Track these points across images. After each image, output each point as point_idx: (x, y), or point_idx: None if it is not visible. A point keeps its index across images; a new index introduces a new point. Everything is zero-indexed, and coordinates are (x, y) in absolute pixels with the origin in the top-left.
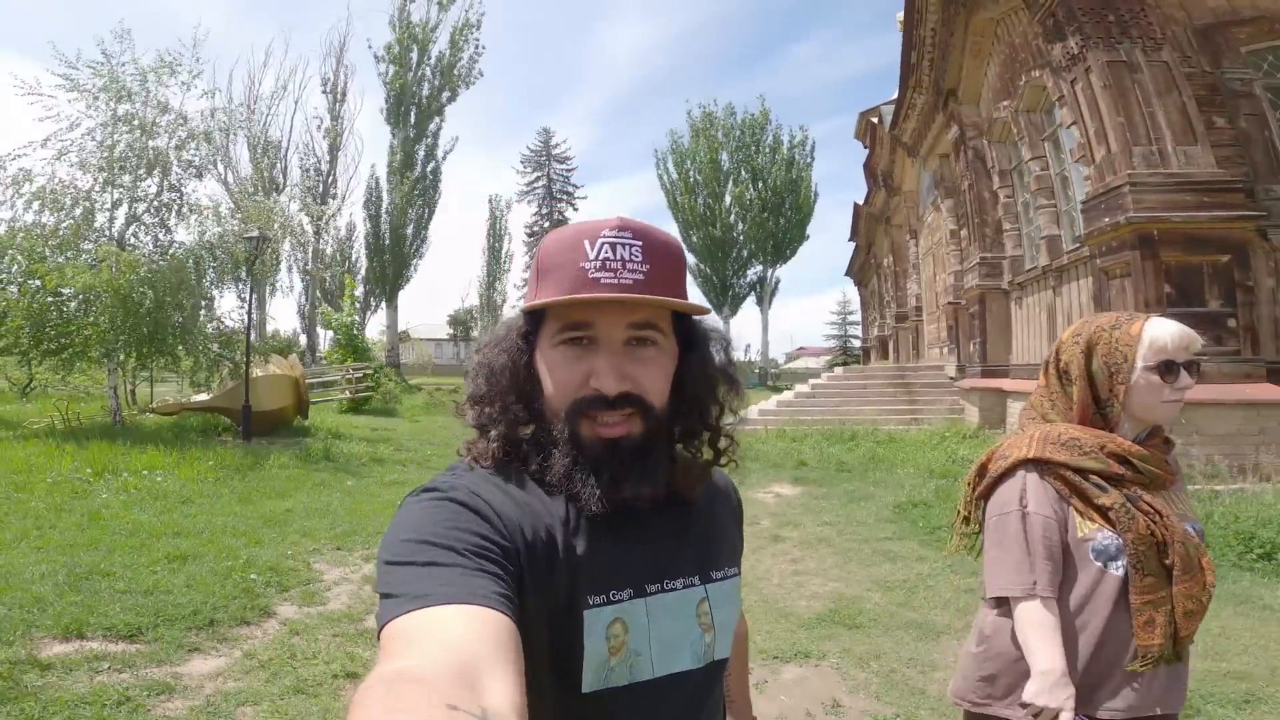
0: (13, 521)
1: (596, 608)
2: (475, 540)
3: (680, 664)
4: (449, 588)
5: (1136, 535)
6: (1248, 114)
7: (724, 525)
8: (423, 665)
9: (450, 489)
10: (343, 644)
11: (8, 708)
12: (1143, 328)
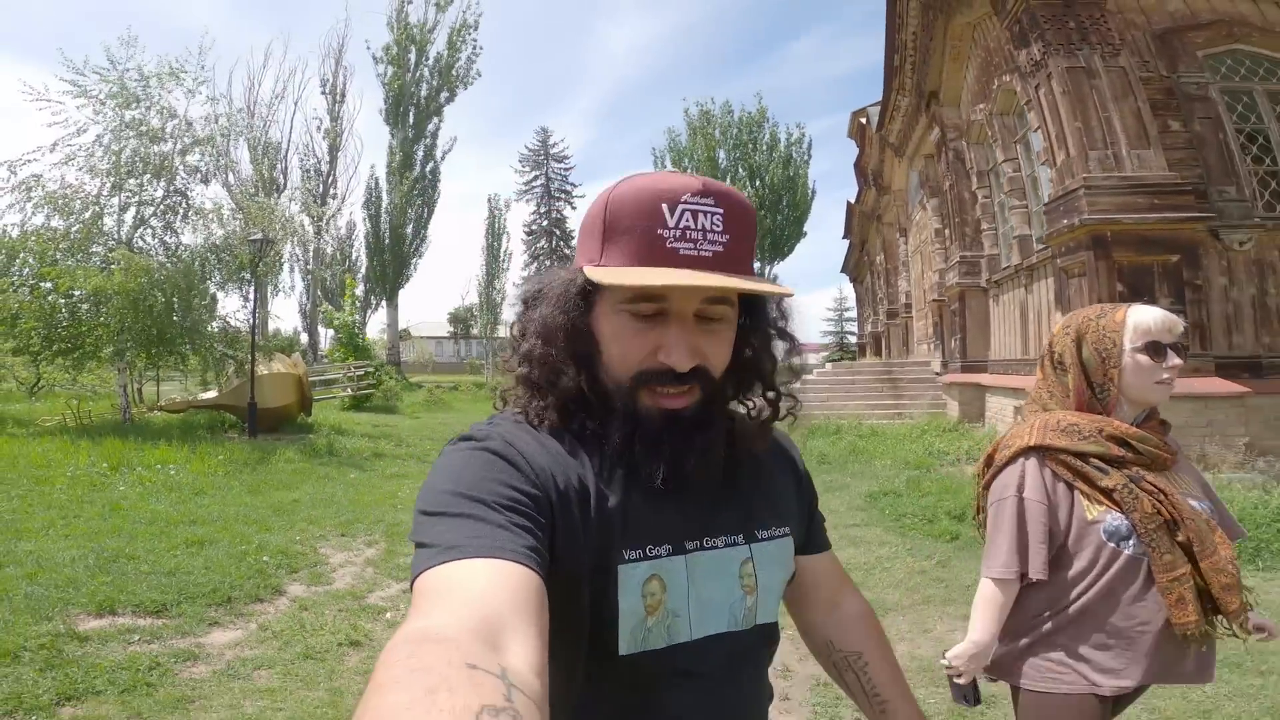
0: (38, 512)
1: (632, 563)
2: (508, 491)
3: (718, 626)
4: (478, 540)
5: (1143, 514)
6: (1202, 117)
7: (777, 484)
8: (446, 624)
9: (485, 438)
10: (347, 617)
11: (54, 674)
12: (1126, 314)
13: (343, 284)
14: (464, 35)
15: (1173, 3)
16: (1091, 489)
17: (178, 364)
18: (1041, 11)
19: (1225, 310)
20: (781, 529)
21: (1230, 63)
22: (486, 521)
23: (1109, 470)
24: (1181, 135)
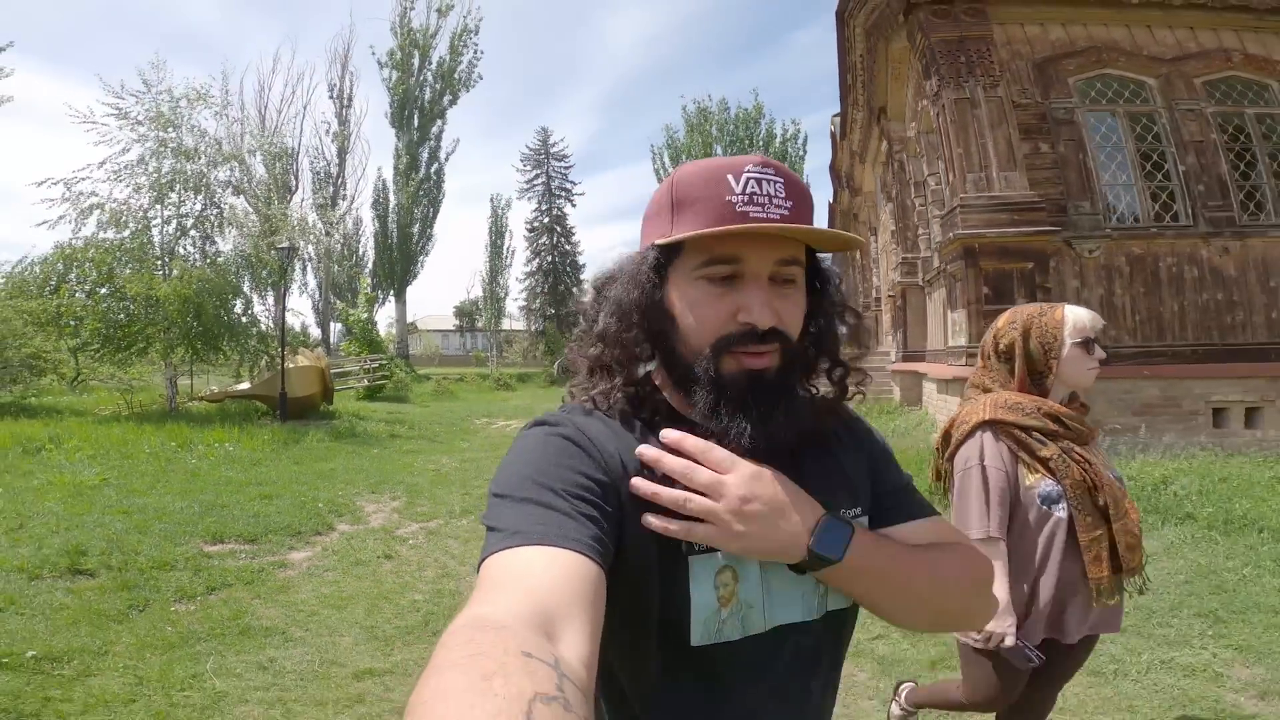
0: (134, 478)
1: (704, 553)
2: (577, 479)
3: (793, 616)
4: (541, 527)
5: (1073, 481)
6: (1068, 139)
7: (848, 465)
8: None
9: (559, 423)
10: (381, 542)
11: (200, 575)
12: (1064, 313)
13: (351, 279)
14: (465, 40)
15: (1055, 32)
16: (1032, 458)
17: (219, 359)
18: (939, 47)
19: (1080, 305)
20: (854, 509)
21: (1100, 86)
22: (553, 509)
23: (1047, 442)
24: (1049, 156)
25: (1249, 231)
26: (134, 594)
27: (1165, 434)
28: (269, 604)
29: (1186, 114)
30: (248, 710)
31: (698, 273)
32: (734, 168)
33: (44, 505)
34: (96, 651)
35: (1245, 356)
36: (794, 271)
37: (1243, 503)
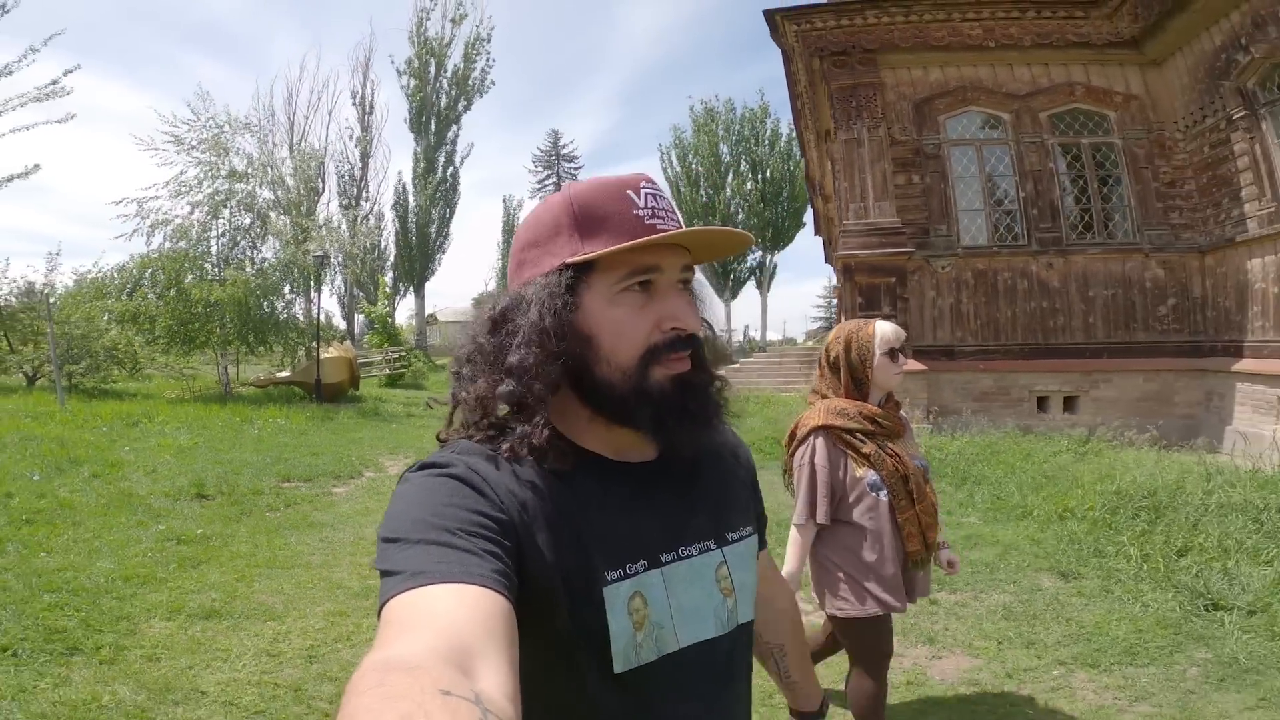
0: (217, 442)
1: (614, 583)
2: (473, 517)
3: (705, 632)
4: (444, 565)
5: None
6: (934, 171)
7: (735, 484)
8: (415, 652)
9: (448, 464)
10: (394, 483)
11: (280, 498)
12: (875, 328)
13: (374, 273)
14: (478, 48)
15: (933, 74)
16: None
17: (264, 351)
18: (837, 94)
19: (932, 314)
20: (748, 529)
21: (965, 122)
22: (453, 547)
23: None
24: (919, 186)
25: (1072, 250)
26: (241, 507)
27: (998, 417)
28: (323, 513)
29: (1030, 145)
30: (314, 558)
31: (619, 286)
32: (632, 185)
33: (162, 458)
34: (228, 535)
35: (1064, 354)
36: (690, 277)
37: (985, 467)
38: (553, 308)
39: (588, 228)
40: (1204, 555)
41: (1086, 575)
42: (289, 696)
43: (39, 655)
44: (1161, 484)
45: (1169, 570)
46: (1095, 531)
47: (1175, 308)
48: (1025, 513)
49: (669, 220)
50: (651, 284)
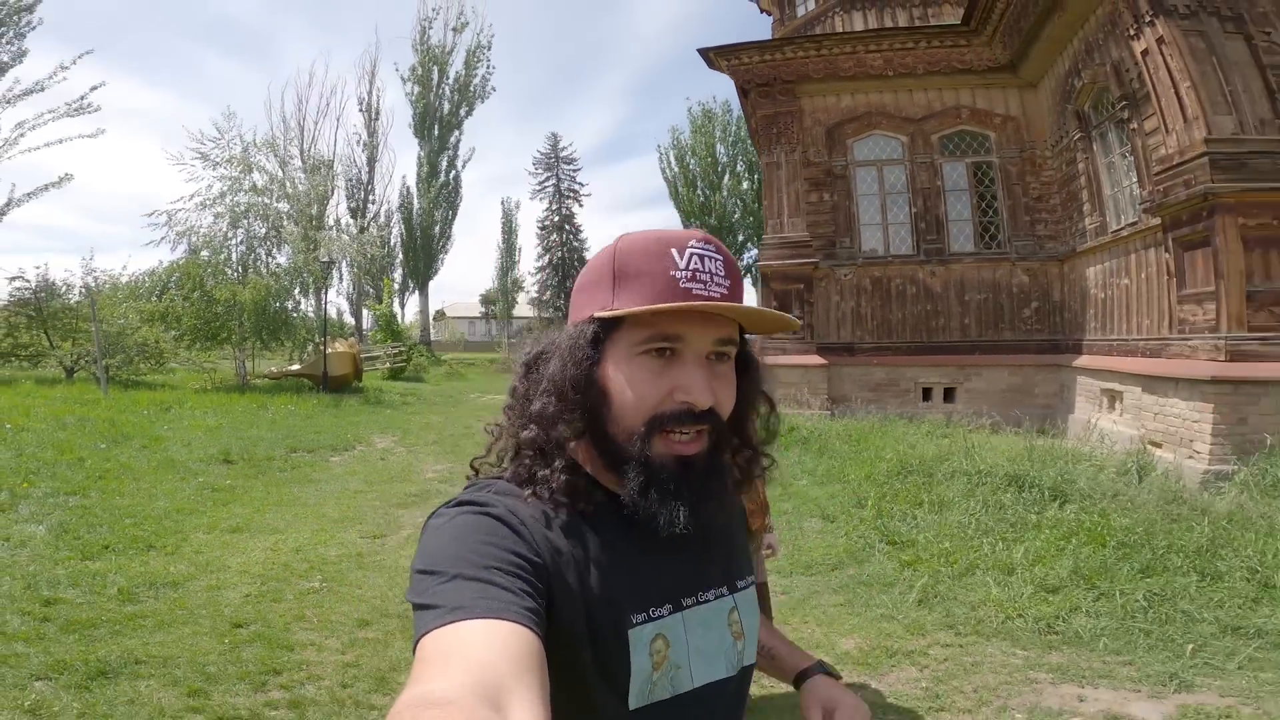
0: (238, 423)
1: (639, 625)
2: (508, 556)
3: (717, 673)
4: (483, 601)
5: None
6: (841, 190)
7: (738, 533)
8: (448, 689)
9: (488, 504)
10: (380, 455)
11: (292, 460)
12: None
13: (384, 271)
14: (479, 55)
15: (845, 101)
16: None
17: (277, 346)
18: (761, 122)
19: (836, 316)
20: (752, 576)
21: (870, 144)
22: (490, 583)
23: None
24: (828, 204)
25: (952, 259)
26: (258, 469)
27: (889, 406)
28: (319, 473)
29: (921, 165)
30: (308, 500)
31: (639, 348)
32: (678, 241)
33: (194, 434)
34: (247, 486)
35: (944, 351)
36: (730, 351)
37: (845, 444)
38: (575, 359)
39: (623, 281)
40: (907, 506)
41: (839, 520)
42: (281, 570)
43: (128, 549)
44: (933, 455)
45: (879, 516)
46: (868, 489)
47: (1037, 310)
48: (842, 477)
49: (711, 286)
50: (676, 352)
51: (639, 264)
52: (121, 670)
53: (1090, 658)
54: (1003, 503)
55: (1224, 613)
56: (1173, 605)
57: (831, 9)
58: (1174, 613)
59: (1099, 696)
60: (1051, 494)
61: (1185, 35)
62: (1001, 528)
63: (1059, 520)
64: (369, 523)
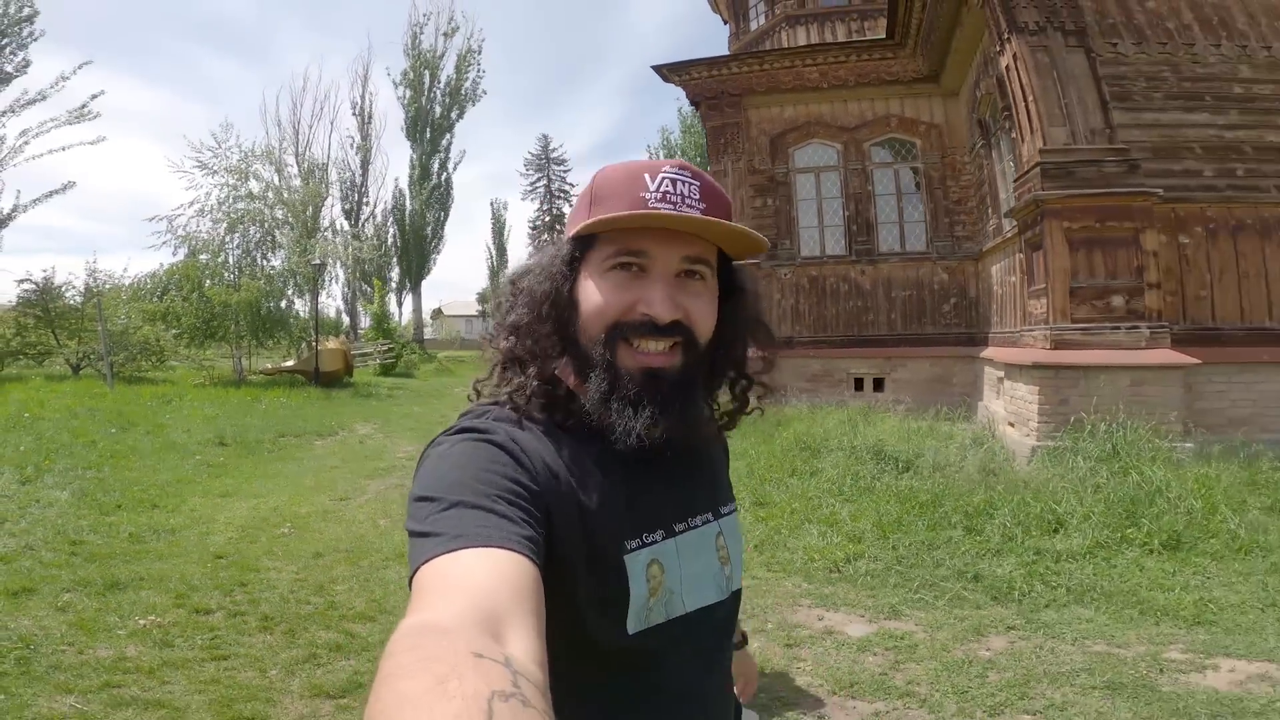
0: (234, 413)
1: (634, 551)
2: (508, 485)
3: (708, 598)
4: (482, 528)
5: None
6: (783, 196)
7: (721, 461)
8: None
9: (489, 431)
10: (359, 440)
11: (276, 444)
12: None
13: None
14: (469, 60)
15: (787, 112)
16: None
17: (271, 344)
18: (711, 133)
19: (777, 312)
20: (733, 503)
21: (809, 152)
22: (491, 511)
23: None
24: (771, 208)
25: (880, 259)
26: (248, 450)
27: (825, 395)
28: (303, 454)
29: (854, 171)
30: (290, 474)
31: (608, 263)
32: (651, 169)
33: (193, 422)
34: (238, 463)
35: (874, 344)
36: (702, 270)
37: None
38: (549, 274)
39: (597, 204)
40: (784, 474)
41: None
42: (259, 522)
43: (136, 508)
44: (825, 434)
45: (760, 483)
46: (765, 461)
47: (955, 305)
48: (745, 453)
49: (682, 207)
50: (643, 268)
51: (613, 187)
52: (129, 584)
53: (851, 591)
54: (859, 472)
55: (962, 561)
56: (931, 553)
57: (778, 24)
58: (929, 559)
59: (833, 617)
60: (902, 465)
61: (1033, 51)
62: (848, 491)
63: (890, 486)
64: (338, 489)
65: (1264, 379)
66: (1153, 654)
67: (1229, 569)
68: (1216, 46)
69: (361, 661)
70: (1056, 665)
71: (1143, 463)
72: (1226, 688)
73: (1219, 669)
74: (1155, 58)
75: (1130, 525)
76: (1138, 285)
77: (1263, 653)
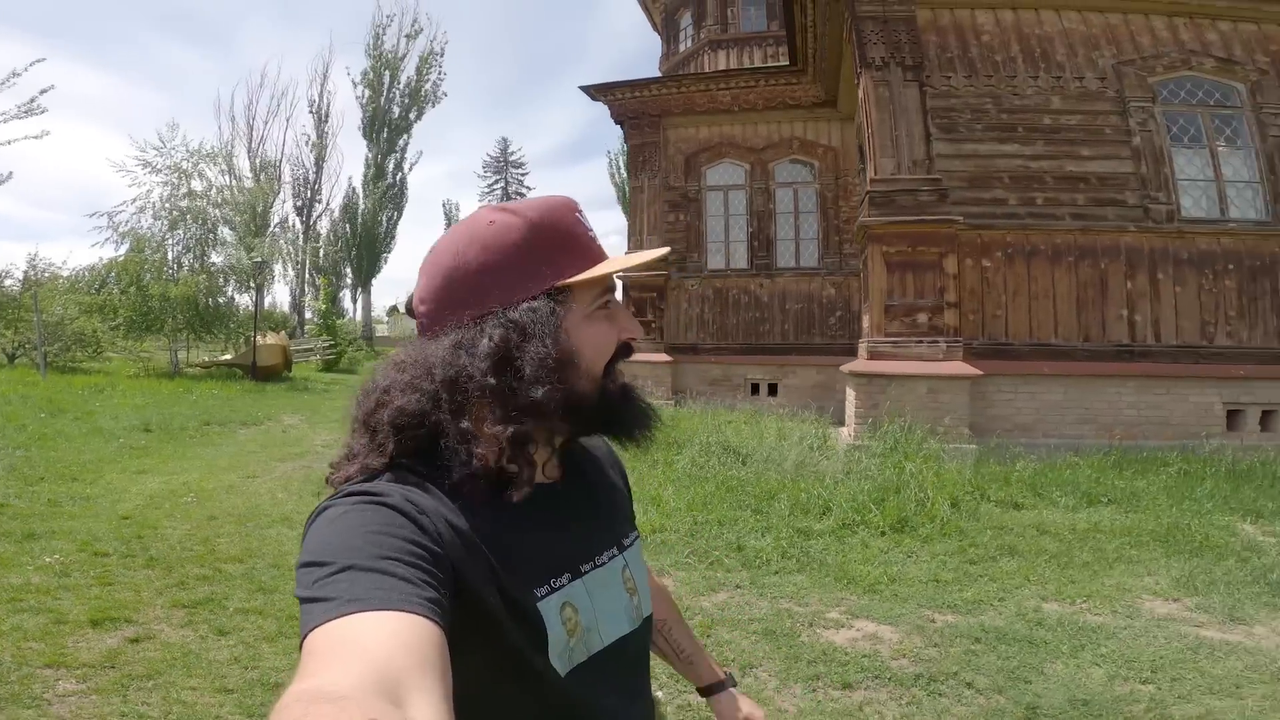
0: (162, 403)
1: (546, 598)
2: (407, 546)
3: (622, 629)
4: (378, 591)
5: None
6: (694, 212)
7: (618, 487)
8: (341, 681)
9: (381, 494)
10: (283, 430)
11: (200, 431)
12: None
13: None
14: (431, 62)
15: (702, 133)
16: None
17: (209, 338)
18: (632, 150)
19: (684, 321)
20: (634, 531)
21: (721, 171)
22: (388, 574)
23: None
24: (683, 223)
25: (777, 273)
26: (172, 435)
27: (724, 398)
28: (226, 441)
29: (759, 191)
30: (209, 457)
31: (595, 305)
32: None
33: (122, 410)
34: (160, 447)
35: (769, 352)
36: None
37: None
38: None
39: (563, 250)
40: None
41: None
42: (168, 494)
43: (58, 480)
44: (687, 430)
45: None
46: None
47: (840, 318)
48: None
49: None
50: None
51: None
52: (43, 536)
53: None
54: (704, 463)
55: (737, 535)
56: (719, 528)
57: (702, 47)
58: (715, 533)
59: None
60: (741, 458)
61: (876, 86)
62: (683, 479)
63: (720, 474)
64: (249, 469)
65: (1045, 389)
66: (818, 613)
67: (930, 549)
68: (1035, 79)
69: (220, 586)
70: (742, 615)
71: (910, 459)
72: (843, 643)
73: (851, 628)
74: (981, 90)
75: (874, 510)
76: (939, 304)
77: (890, 618)
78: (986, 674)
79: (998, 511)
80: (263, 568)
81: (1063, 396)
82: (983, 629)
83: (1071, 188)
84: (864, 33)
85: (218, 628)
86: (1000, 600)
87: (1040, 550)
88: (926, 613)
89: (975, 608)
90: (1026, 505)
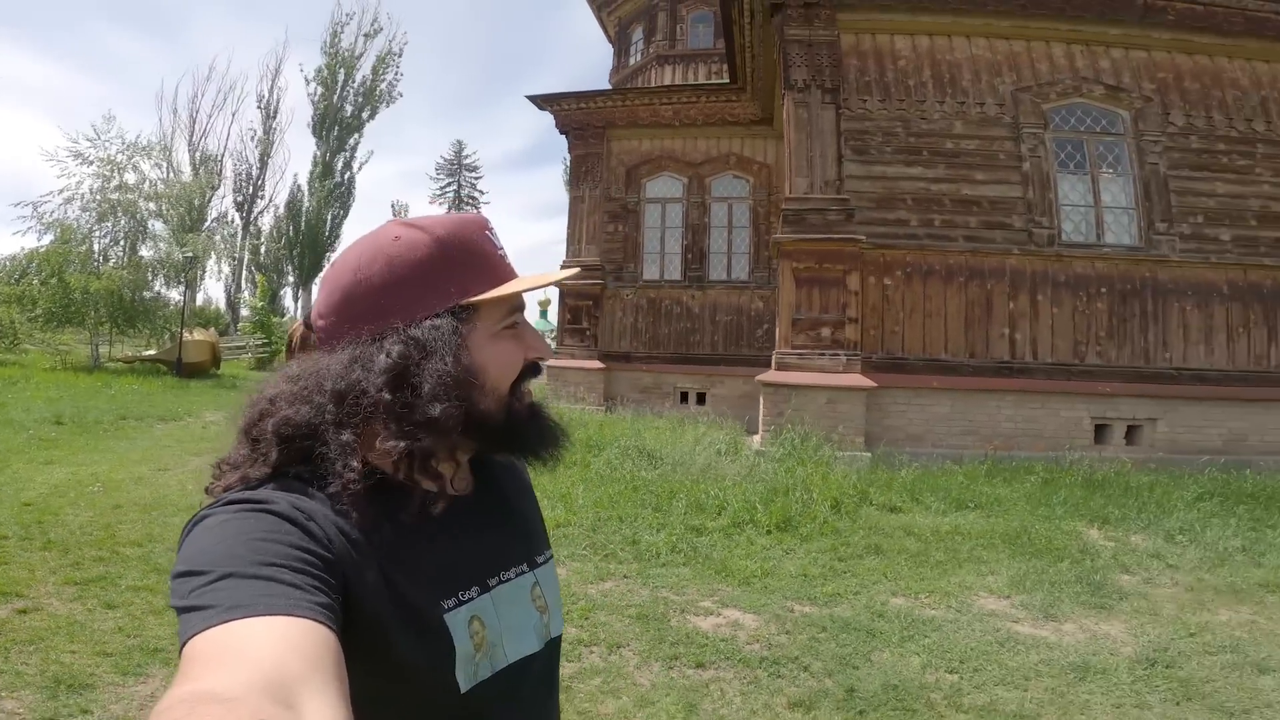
0: (78, 397)
1: (453, 610)
2: (294, 553)
3: (529, 647)
4: (264, 597)
5: None
6: (632, 223)
7: (529, 506)
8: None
9: (266, 501)
10: (204, 428)
11: (116, 425)
12: None
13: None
14: (389, 62)
15: (644, 145)
16: None
17: (133, 332)
18: (575, 160)
19: (619, 329)
20: (548, 550)
21: (660, 184)
22: (275, 580)
23: None
24: (622, 234)
25: (709, 286)
26: (84, 429)
27: (655, 406)
28: (141, 435)
29: (695, 204)
30: (121, 450)
31: (503, 323)
32: (483, 225)
33: (35, 402)
34: (71, 439)
35: (699, 362)
36: None
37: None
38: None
39: (471, 268)
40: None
41: None
42: (75, 484)
43: None
44: (611, 435)
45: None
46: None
47: (767, 331)
48: None
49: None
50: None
51: (476, 250)
52: None
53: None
54: (619, 465)
55: (634, 530)
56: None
57: (651, 61)
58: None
59: None
60: (655, 461)
61: (796, 107)
62: (595, 479)
63: (631, 475)
64: (161, 463)
65: (934, 402)
66: (692, 601)
67: (806, 546)
68: (941, 103)
69: (115, 567)
70: (623, 601)
71: (803, 464)
72: (707, 628)
73: (719, 615)
74: (893, 114)
75: (761, 510)
76: (842, 319)
77: (755, 608)
78: (823, 659)
79: (876, 514)
80: (161, 551)
81: (949, 409)
82: (832, 619)
83: (966, 210)
84: (790, 55)
85: (107, 602)
86: (855, 594)
87: (902, 550)
88: (789, 604)
89: (832, 600)
90: (903, 509)
